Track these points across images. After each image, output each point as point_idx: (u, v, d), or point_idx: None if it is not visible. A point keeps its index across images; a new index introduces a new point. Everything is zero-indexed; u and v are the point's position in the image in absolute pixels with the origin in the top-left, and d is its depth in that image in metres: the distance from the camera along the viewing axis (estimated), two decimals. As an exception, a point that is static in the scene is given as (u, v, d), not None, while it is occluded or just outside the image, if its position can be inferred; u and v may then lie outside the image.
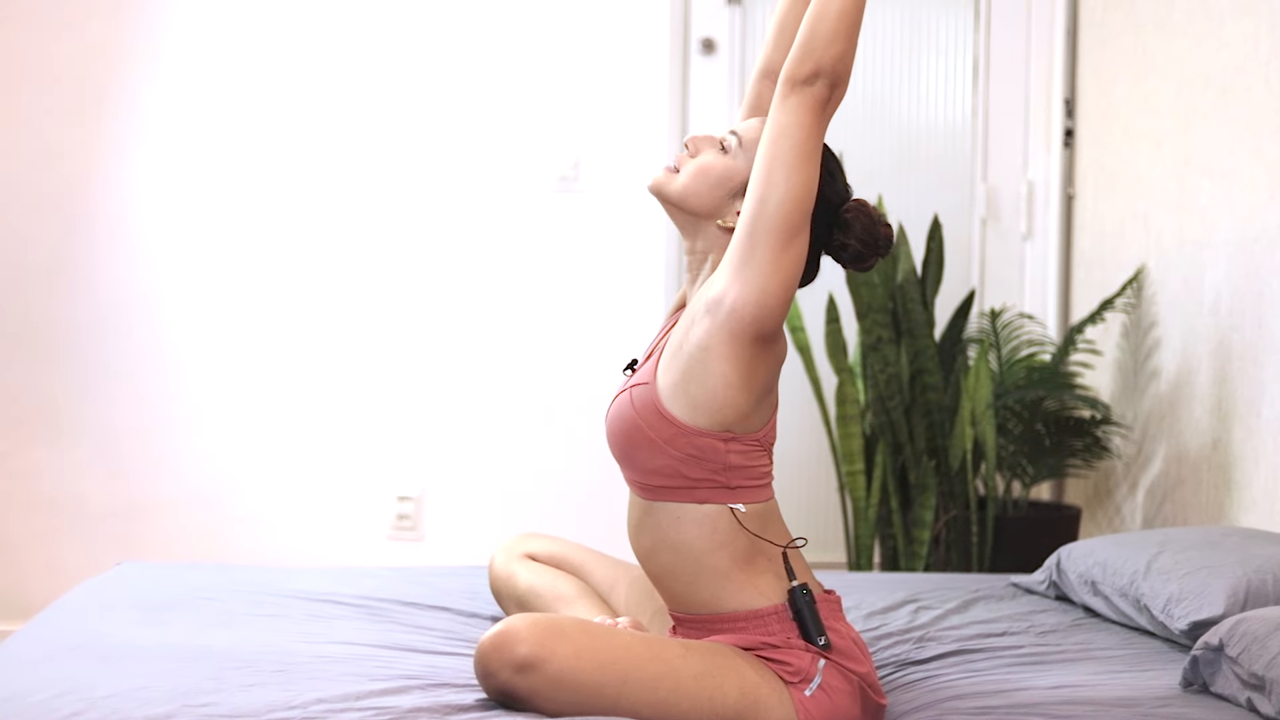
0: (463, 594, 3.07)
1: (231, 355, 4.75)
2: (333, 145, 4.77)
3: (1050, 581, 3.27)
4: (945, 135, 4.97)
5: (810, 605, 2.34)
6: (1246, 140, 3.74)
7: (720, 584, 2.36)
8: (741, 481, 2.37)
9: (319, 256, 4.77)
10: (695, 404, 2.33)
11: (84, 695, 2.16)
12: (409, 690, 2.28)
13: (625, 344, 4.78)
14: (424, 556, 4.73)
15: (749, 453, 2.37)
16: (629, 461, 2.41)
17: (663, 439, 2.35)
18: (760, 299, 2.29)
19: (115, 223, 4.71)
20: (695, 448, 2.34)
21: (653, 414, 2.36)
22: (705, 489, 2.36)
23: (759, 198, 2.30)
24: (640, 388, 2.40)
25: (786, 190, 2.29)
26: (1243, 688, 2.37)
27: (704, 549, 2.36)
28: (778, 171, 2.29)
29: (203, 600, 2.87)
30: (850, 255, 2.43)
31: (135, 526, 4.71)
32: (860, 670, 2.35)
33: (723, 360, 2.32)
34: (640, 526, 2.42)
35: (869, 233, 2.43)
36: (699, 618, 2.39)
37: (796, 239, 2.30)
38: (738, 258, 2.31)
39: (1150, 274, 4.28)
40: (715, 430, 2.34)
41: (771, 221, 2.29)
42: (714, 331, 2.32)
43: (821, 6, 2.29)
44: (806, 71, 2.28)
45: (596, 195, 4.81)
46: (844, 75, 2.30)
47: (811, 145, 2.29)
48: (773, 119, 2.31)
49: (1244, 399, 3.72)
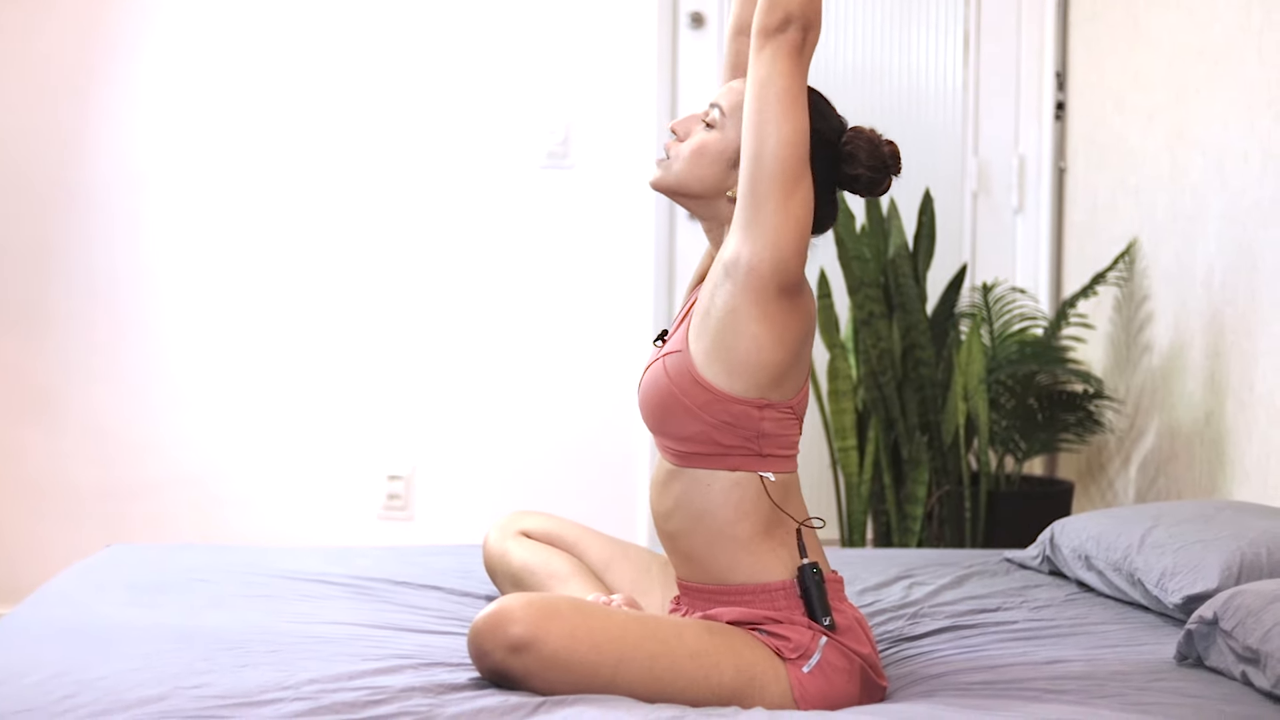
0: (454, 573, 3.06)
1: (220, 336, 4.74)
2: (318, 124, 4.75)
3: (1044, 556, 3.26)
4: (936, 109, 4.96)
5: (819, 585, 2.34)
6: (1239, 113, 3.73)
7: (737, 553, 2.36)
8: (773, 450, 2.37)
9: (307, 236, 4.76)
10: (731, 369, 2.33)
11: (76, 677, 2.15)
12: (402, 670, 2.27)
13: (616, 321, 4.77)
14: (415, 536, 4.72)
15: (782, 420, 2.37)
16: (662, 429, 2.41)
17: (697, 405, 2.35)
18: (775, 251, 2.28)
19: (102, 205, 4.69)
20: (730, 414, 2.34)
21: (688, 381, 2.36)
22: (737, 456, 2.36)
23: (754, 153, 2.29)
24: (674, 356, 2.39)
25: (779, 139, 2.28)
26: (1237, 661, 2.36)
27: (728, 517, 2.36)
28: (768, 123, 2.28)
29: (193, 582, 2.86)
30: (864, 184, 2.42)
31: (124, 509, 4.70)
32: (862, 651, 2.34)
33: (751, 321, 2.31)
34: (665, 489, 2.42)
35: (874, 156, 2.41)
36: (707, 588, 2.39)
37: (799, 185, 2.29)
38: (746, 216, 2.30)
39: (1142, 247, 4.27)
40: (751, 397, 2.34)
41: (771, 172, 2.28)
42: (737, 293, 2.31)
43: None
44: (777, 20, 2.28)
45: (586, 171, 4.79)
46: (815, 17, 2.29)
47: (796, 90, 2.28)
48: (752, 73, 2.30)
49: (1237, 373, 3.72)
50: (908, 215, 4.56)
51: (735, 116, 2.41)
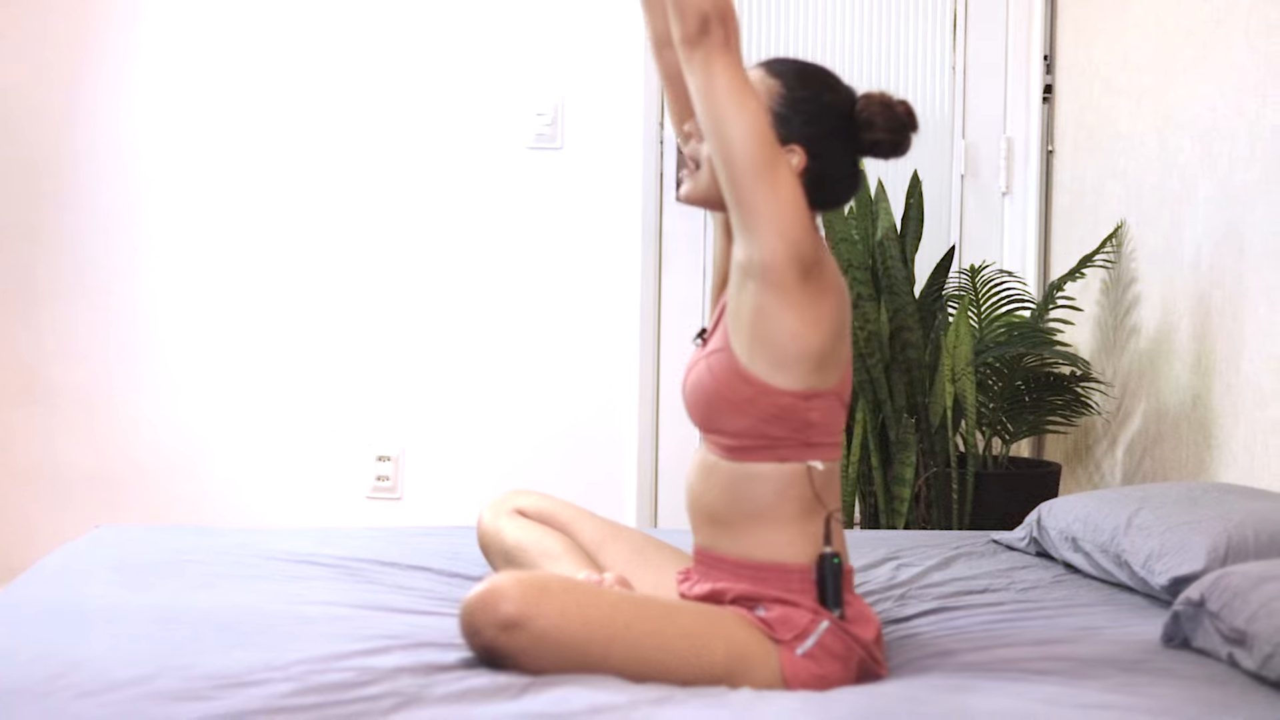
0: (443, 554, 3.06)
1: (208, 319, 4.73)
2: (306, 107, 4.74)
3: (1031, 538, 3.27)
4: (924, 91, 4.95)
5: (836, 575, 2.35)
6: (1227, 95, 3.73)
7: (769, 534, 2.37)
8: (820, 438, 2.38)
9: (296, 219, 4.75)
10: (775, 363, 2.34)
11: (65, 657, 2.14)
12: (390, 650, 2.27)
13: (605, 302, 4.77)
14: (403, 517, 4.72)
15: (829, 409, 2.38)
16: (711, 426, 2.41)
17: (745, 400, 2.36)
18: (782, 239, 2.29)
19: (92, 187, 4.68)
20: (778, 407, 2.35)
21: (734, 378, 2.36)
22: (787, 447, 2.37)
23: (725, 158, 2.29)
24: (717, 354, 2.40)
25: (741, 134, 2.28)
26: (1224, 643, 2.36)
27: (770, 503, 2.37)
28: (726, 124, 2.28)
29: (182, 563, 2.86)
30: (886, 147, 2.43)
31: (112, 491, 4.69)
32: (865, 638, 2.35)
33: (783, 313, 2.32)
34: (708, 478, 2.42)
35: (891, 118, 2.42)
36: (727, 559, 2.40)
37: (778, 166, 2.30)
38: (742, 218, 2.31)
39: (1130, 230, 4.27)
40: (798, 389, 2.35)
41: (746, 168, 2.28)
42: (761, 291, 2.32)
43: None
44: (694, 25, 2.27)
45: (574, 153, 4.78)
46: (728, 8, 2.29)
47: (738, 82, 2.29)
48: (692, 85, 2.30)
49: (1224, 355, 3.72)
50: (895, 197, 4.56)
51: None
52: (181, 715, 1.95)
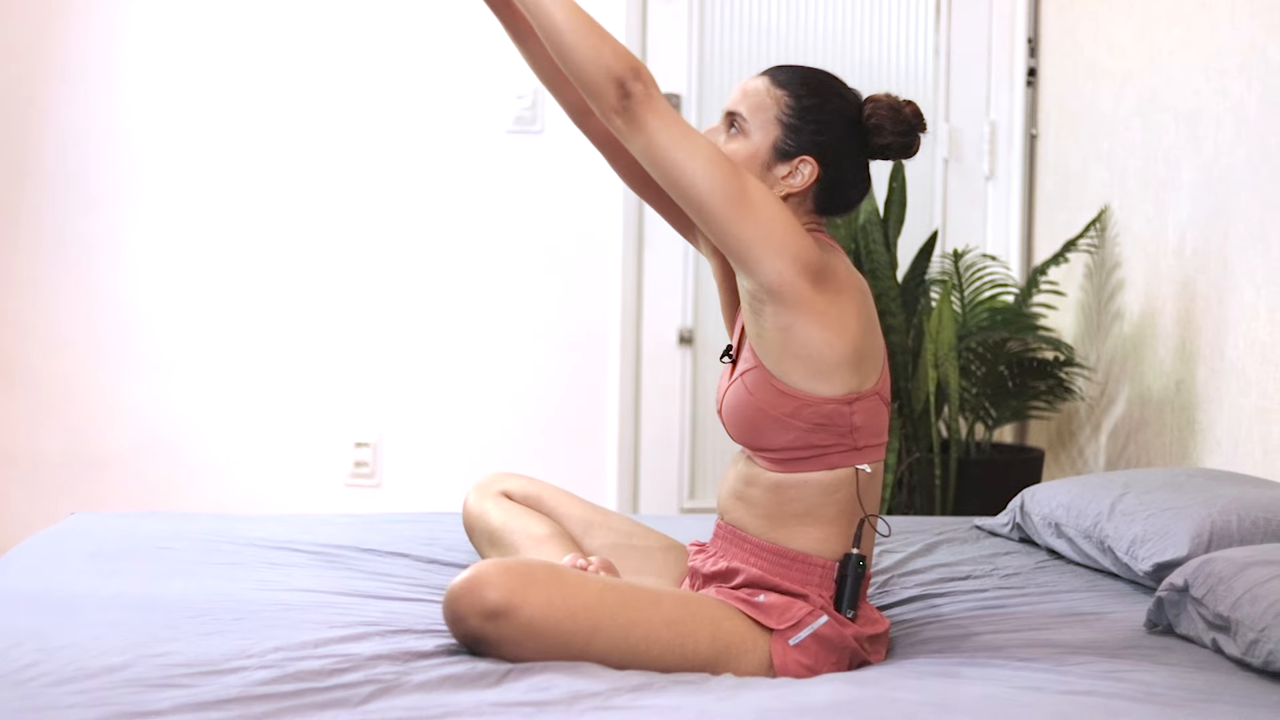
0: (421, 540, 3.04)
1: (186, 304, 4.70)
2: (285, 91, 4.71)
3: (1014, 524, 3.26)
4: (907, 75, 4.93)
5: (857, 578, 2.35)
6: (1211, 79, 3.72)
7: (804, 530, 2.37)
8: (867, 440, 2.38)
9: (274, 204, 4.72)
10: (812, 373, 2.32)
11: (39, 645, 2.13)
12: (368, 637, 2.26)
13: (584, 287, 4.75)
14: (382, 503, 4.70)
15: (871, 410, 2.37)
16: (757, 444, 2.39)
17: (787, 414, 2.34)
18: (781, 258, 2.27)
19: (72, 171, 4.65)
20: (822, 415, 2.33)
21: (772, 394, 2.34)
22: (835, 454, 2.36)
23: (697, 205, 2.27)
24: (751, 373, 2.37)
25: (701, 177, 2.26)
26: (1208, 629, 2.36)
27: (815, 505, 2.37)
28: (683, 174, 2.26)
29: (158, 549, 2.84)
30: (895, 150, 2.43)
31: (89, 477, 4.67)
32: (862, 633, 2.35)
33: (809, 325, 2.31)
34: (751, 484, 2.41)
35: (898, 121, 2.42)
36: (751, 540, 2.39)
37: (747, 190, 2.28)
38: (734, 253, 2.29)
39: (1114, 214, 4.26)
40: (839, 395, 2.33)
41: (718, 207, 2.27)
42: (780, 312, 2.30)
43: (562, 51, 2.26)
44: (612, 93, 2.25)
45: (554, 137, 4.76)
46: (634, 59, 2.26)
47: (676, 127, 2.26)
48: (635, 149, 2.28)
49: (1208, 340, 3.72)
50: (878, 182, 4.53)
51: (756, 118, 2.40)
52: (157, 703, 1.94)
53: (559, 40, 2.26)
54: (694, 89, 4.81)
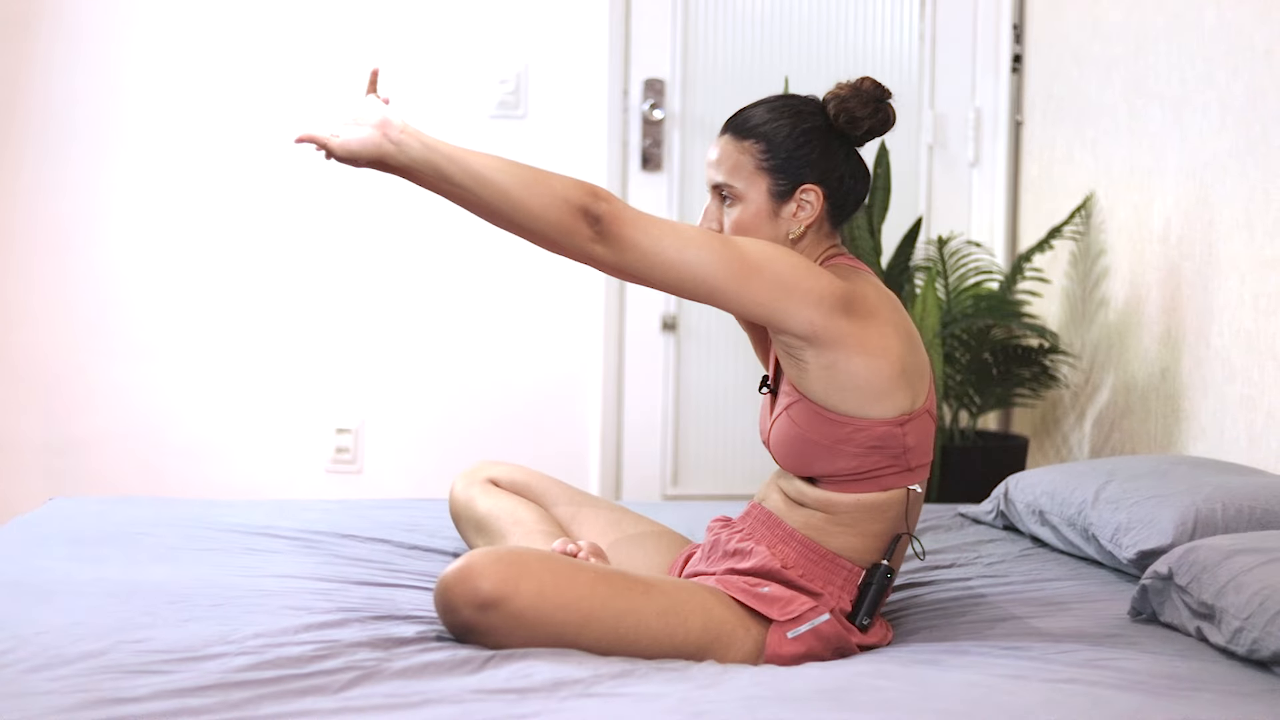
0: (402, 526, 3.04)
1: (167, 287, 4.67)
2: (266, 74, 4.68)
3: (998, 511, 3.26)
4: (892, 61, 4.92)
5: (881, 589, 2.35)
6: (1197, 65, 3.71)
7: (845, 535, 2.37)
8: (918, 460, 2.38)
9: (256, 189, 4.69)
10: (863, 400, 2.31)
11: (16, 632, 2.12)
12: (348, 623, 2.25)
13: (567, 275, 4.73)
14: (363, 489, 4.68)
15: (922, 428, 2.37)
16: (811, 472, 2.38)
17: (838, 441, 2.33)
18: (805, 304, 2.26)
19: (50, 151, 4.61)
20: (875, 438, 2.33)
21: (821, 423, 2.33)
22: (890, 475, 2.36)
23: (705, 291, 2.27)
24: (796, 406, 2.36)
25: (699, 265, 2.25)
26: (1192, 617, 2.36)
27: (864, 520, 2.37)
28: (682, 270, 2.25)
29: (137, 535, 2.83)
30: (877, 128, 2.41)
31: (67, 461, 4.64)
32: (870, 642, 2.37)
33: (851, 357, 2.30)
34: (801, 496, 2.39)
35: (865, 104, 2.39)
36: (785, 526, 2.38)
37: (745, 255, 2.27)
38: (762, 318, 2.29)
39: (1099, 201, 4.25)
40: (890, 416, 2.33)
41: (728, 286, 2.26)
42: (821, 353, 2.30)
43: (516, 212, 2.34)
44: (585, 228, 2.25)
45: (538, 121, 4.73)
46: (584, 185, 2.26)
47: (654, 228, 2.25)
48: (625, 268, 2.27)
49: (1193, 328, 3.71)
50: (863, 168, 4.52)
51: (740, 179, 2.39)
52: (135, 690, 1.93)
53: (509, 202, 2.29)
54: (677, 75, 4.79)
